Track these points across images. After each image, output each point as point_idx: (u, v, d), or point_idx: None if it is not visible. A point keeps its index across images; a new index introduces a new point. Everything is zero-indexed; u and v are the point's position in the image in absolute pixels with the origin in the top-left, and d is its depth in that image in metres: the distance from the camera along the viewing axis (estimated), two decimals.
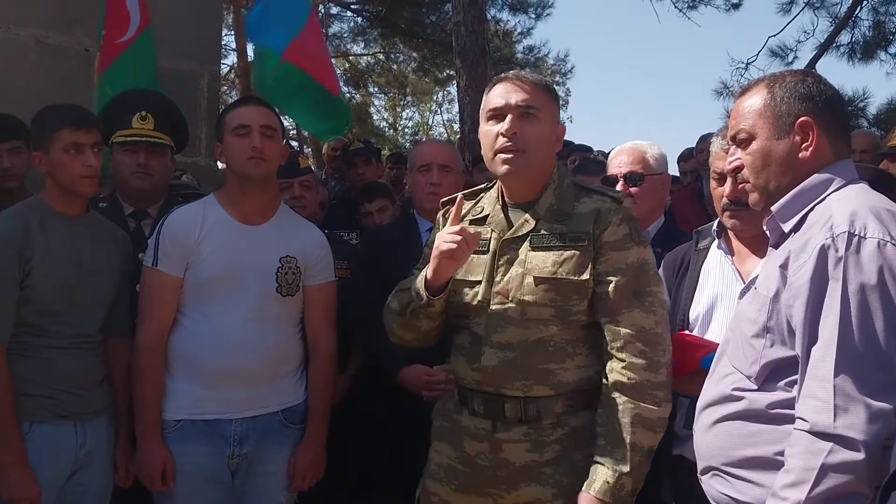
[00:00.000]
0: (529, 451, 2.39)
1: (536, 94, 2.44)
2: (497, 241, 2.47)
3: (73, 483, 2.83)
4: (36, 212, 2.82)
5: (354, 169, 6.03)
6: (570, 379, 2.39)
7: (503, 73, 2.53)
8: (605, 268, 2.37)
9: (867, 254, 1.78)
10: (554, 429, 2.39)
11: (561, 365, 2.38)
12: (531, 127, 2.41)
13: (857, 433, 1.70)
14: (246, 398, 2.89)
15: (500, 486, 2.43)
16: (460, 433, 2.50)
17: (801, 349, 1.84)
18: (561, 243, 2.40)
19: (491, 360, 2.40)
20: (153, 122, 3.31)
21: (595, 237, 2.39)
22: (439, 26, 14.90)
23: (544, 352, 2.38)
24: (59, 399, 2.78)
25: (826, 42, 10.61)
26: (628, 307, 2.34)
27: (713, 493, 2.07)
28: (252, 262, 2.91)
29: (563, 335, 2.39)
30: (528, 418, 2.39)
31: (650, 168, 3.28)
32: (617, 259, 2.37)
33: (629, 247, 2.39)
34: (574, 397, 2.40)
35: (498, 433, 2.42)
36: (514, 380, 2.38)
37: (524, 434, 2.39)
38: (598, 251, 2.38)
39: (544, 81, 2.52)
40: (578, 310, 2.38)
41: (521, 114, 2.40)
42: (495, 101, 2.45)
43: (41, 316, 2.76)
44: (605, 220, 2.40)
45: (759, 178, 2.06)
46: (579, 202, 2.46)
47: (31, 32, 4.24)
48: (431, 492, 2.57)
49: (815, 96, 2.01)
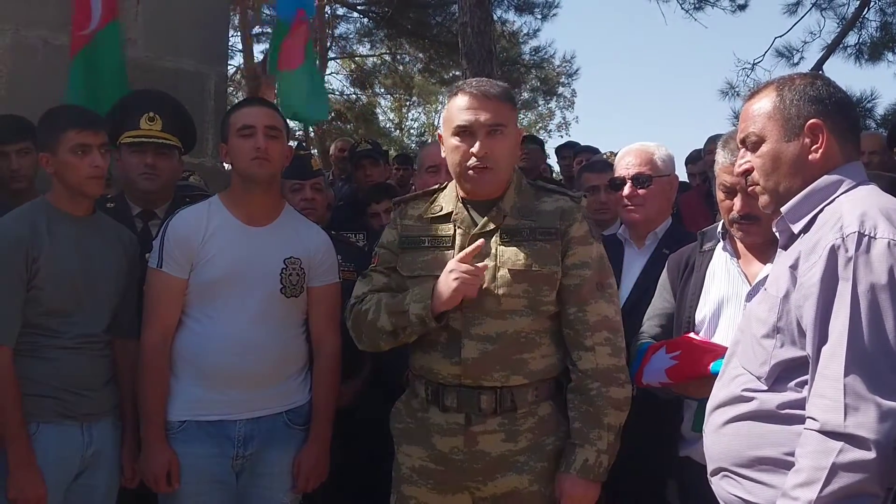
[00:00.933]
0: (504, 440, 2.51)
1: (501, 109, 2.54)
2: (464, 237, 2.58)
3: (79, 484, 2.83)
4: (43, 212, 2.83)
5: (362, 170, 6.03)
6: (538, 367, 2.53)
7: (465, 83, 2.61)
8: (573, 261, 2.54)
9: (877, 254, 1.79)
10: (526, 418, 2.52)
11: (531, 354, 2.52)
12: (499, 144, 2.52)
13: (868, 432, 1.69)
14: (250, 399, 2.89)
15: (476, 478, 2.52)
16: (429, 431, 2.57)
17: (811, 349, 1.84)
18: (531, 238, 2.54)
19: (471, 352, 2.49)
20: (161, 123, 3.31)
21: (562, 232, 2.54)
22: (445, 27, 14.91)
23: (517, 343, 2.51)
24: (66, 399, 2.78)
25: (833, 43, 10.56)
26: (595, 298, 2.53)
27: (723, 494, 2.06)
28: (256, 263, 2.91)
29: (533, 325, 2.52)
30: (503, 409, 2.50)
31: (658, 169, 3.27)
32: (583, 253, 2.55)
33: (591, 242, 2.57)
34: (540, 386, 2.54)
35: (473, 426, 2.51)
36: (493, 371, 2.49)
37: (499, 424, 2.51)
38: (567, 245, 2.54)
39: (505, 91, 2.60)
40: (548, 301, 2.53)
41: (488, 132, 2.51)
42: (461, 117, 2.53)
43: (48, 316, 2.77)
44: (571, 217, 2.56)
45: (769, 181, 2.06)
46: (541, 201, 2.61)
47: (39, 34, 4.24)
48: (408, 496, 2.62)
49: (825, 99, 2.02)
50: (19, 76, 4.18)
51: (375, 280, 2.72)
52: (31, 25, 4.23)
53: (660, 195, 3.27)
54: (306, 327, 3.06)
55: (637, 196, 3.23)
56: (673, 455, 2.73)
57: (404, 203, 2.79)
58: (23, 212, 2.84)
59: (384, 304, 2.60)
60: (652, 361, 2.62)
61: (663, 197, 3.30)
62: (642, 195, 3.22)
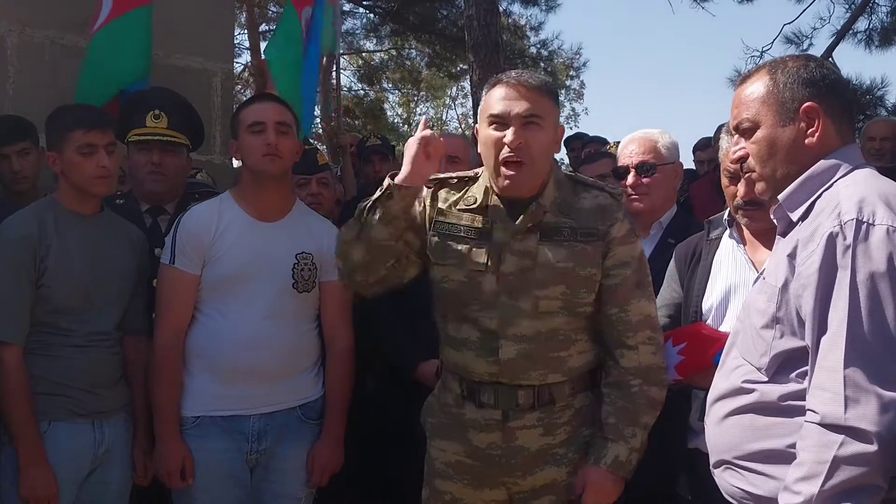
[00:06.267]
0: (543, 434, 2.48)
1: (539, 100, 2.41)
2: (501, 233, 2.46)
3: (91, 481, 2.85)
4: (50, 211, 2.84)
5: (371, 165, 6.02)
6: (576, 364, 2.49)
7: (504, 74, 2.48)
8: (614, 262, 2.46)
9: (876, 241, 1.75)
10: (563, 411, 2.49)
11: (568, 352, 2.48)
12: (535, 136, 2.40)
13: (869, 424, 1.67)
14: (263, 394, 2.90)
15: (515, 473, 2.49)
16: (465, 427, 2.53)
17: (810, 339, 1.82)
18: (572, 238, 2.45)
19: (509, 353, 2.43)
20: (167, 121, 3.31)
21: (604, 233, 2.46)
22: (451, 21, 14.89)
23: (556, 341, 2.46)
24: (77, 397, 2.79)
25: (843, 29, 10.40)
26: (636, 297, 2.48)
27: (726, 486, 2.05)
28: (268, 258, 2.92)
29: (569, 325, 2.47)
30: (541, 404, 2.47)
31: (662, 157, 3.24)
32: (624, 253, 2.47)
33: (633, 241, 2.50)
34: (578, 380, 2.52)
35: (511, 422, 2.47)
36: (531, 370, 2.44)
37: (537, 419, 2.47)
38: (608, 247, 2.46)
39: (546, 84, 2.49)
40: (586, 302, 2.47)
41: (524, 123, 2.38)
42: (498, 107, 2.41)
43: (57, 315, 2.78)
44: (612, 216, 2.47)
45: (766, 168, 2.02)
46: (579, 196, 2.51)
47: (46, 34, 4.25)
48: (441, 490, 2.58)
49: (819, 81, 1.97)
50: (26, 76, 4.20)
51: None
52: (38, 25, 4.25)
53: (664, 183, 3.25)
54: (319, 322, 3.07)
55: (641, 185, 3.21)
56: (682, 447, 2.72)
57: (440, 186, 2.59)
58: (30, 211, 2.86)
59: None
60: None
61: (668, 185, 3.28)
62: (646, 184, 3.21)
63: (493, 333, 2.44)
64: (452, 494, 2.56)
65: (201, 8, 4.77)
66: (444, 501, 2.58)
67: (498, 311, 2.43)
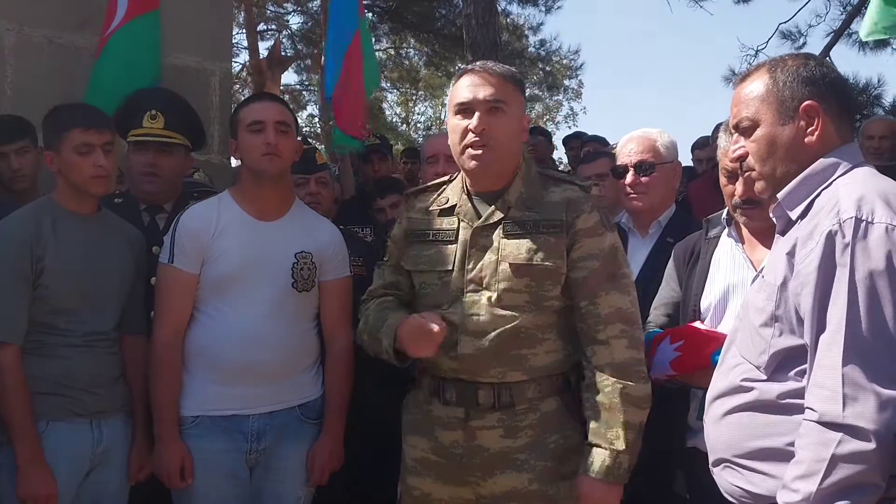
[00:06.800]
0: (503, 436, 2.45)
1: (503, 86, 2.46)
2: (467, 230, 2.52)
3: (90, 481, 2.84)
4: (48, 211, 2.83)
5: (370, 164, 6.02)
6: (540, 363, 2.46)
7: (470, 65, 2.55)
8: (580, 254, 2.45)
9: (875, 239, 1.75)
10: (526, 414, 2.46)
11: (531, 350, 2.45)
12: (499, 121, 2.44)
13: (867, 422, 1.68)
14: (263, 394, 2.90)
15: (475, 473, 2.49)
16: (432, 423, 2.55)
17: (809, 338, 1.82)
18: (535, 231, 2.46)
19: (467, 348, 2.44)
20: (163, 121, 3.29)
21: (568, 225, 2.45)
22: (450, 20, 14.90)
23: (517, 338, 2.44)
24: (75, 397, 2.79)
25: (840, 28, 10.42)
26: (605, 290, 2.43)
27: (725, 485, 2.05)
28: (267, 257, 2.91)
29: (535, 321, 2.44)
30: (501, 404, 2.45)
31: (661, 156, 3.24)
32: (591, 245, 2.45)
33: (601, 233, 2.47)
34: (544, 382, 2.47)
35: (471, 420, 2.47)
36: (489, 367, 2.44)
37: (497, 420, 2.46)
38: (573, 238, 2.45)
39: (511, 72, 2.54)
40: (551, 295, 2.45)
41: (488, 108, 2.44)
42: (462, 94, 2.47)
43: (55, 315, 2.78)
44: (577, 208, 2.47)
45: (766, 166, 2.02)
46: (548, 191, 2.53)
47: (44, 33, 4.24)
48: (412, 486, 2.61)
49: (819, 79, 1.97)
50: (24, 75, 4.19)
51: (385, 275, 2.72)
52: (36, 24, 4.24)
53: (663, 182, 3.25)
54: (318, 321, 3.07)
55: (640, 184, 3.21)
56: (680, 446, 2.72)
57: (413, 195, 2.74)
58: (28, 211, 2.85)
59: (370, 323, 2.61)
60: (657, 354, 2.60)
61: (666, 184, 3.28)
62: (645, 183, 3.21)
63: (456, 328, 2.45)
64: (422, 490, 2.59)
65: (200, 7, 4.76)
66: (414, 497, 2.61)
67: (461, 306, 2.47)
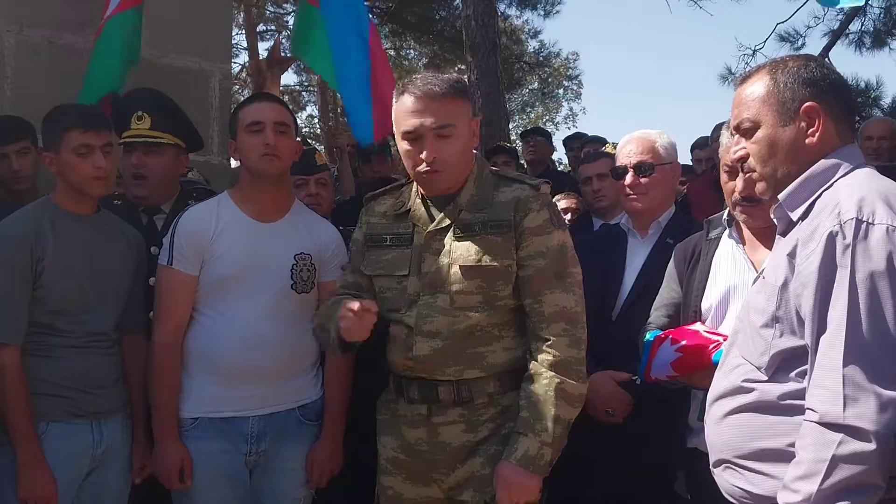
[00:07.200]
0: (465, 431, 2.51)
1: (446, 106, 2.47)
2: (420, 235, 2.57)
3: (90, 482, 2.84)
4: (47, 212, 2.83)
5: (369, 165, 6.02)
6: (498, 361, 2.51)
7: (410, 82, 2.53)
8: (527, 252, 2.48)
9: (875, 240, 1.75)
10: (486, 408, 2.51)
11: (489, 348, 2.50)
12: (448, 146, 2.47)
13: (868, 423, 1.68)
14: (262, 395, 2.90)
15: (440, 469, 2.55)
16: (399, 422, 2.62)
17: (810, 338, 1.82)
18: (483, 231, 2.50)
19: (422, 349, 2.50)
20: (149, 121, 3.26)
21: (516, 223, 2.48)
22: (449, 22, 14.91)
23: (472, 337, 2.49)
24: (75, 398, 2.79)
25: (839, 30, 10.44)
26: (550, 289, 2.46)
27: (726, 486, 2.05)
28: (267, 259, 2.91)
29: (490, 320, 2.50)
30: (461, 400, 2.51)
31: (660, 157, 3.24)
32: (538, 243, 2.48)
33: (550, 231, 2.50)
34: (504, 378, 2.52)
35: (434, 417, 2.54)
36: (445, 366, 2.49)
37: (459, 415, 2.52)
38: (520, 237, 2.48)
39: (452, 86, 2.51)
40: (504, 294, 2.49)
41: (436, 136, 2.46)
42: (407, 122, 2.48)
43: (54, 315, 2.78)
44: (525, 207, 2.49)
45: (766, 167, 2.02)
46: (499, 191, 2.55)
47: (44, 34, 4.25)
48: (385, 486, 2.67)
49: (819, 81, 1.97)
50: (24, 76, 4.19)
51: (347, 278, 2.78)
52: (36, 25, 4.24)
53: (662, 183, 3.24)
54: None
55: (639, 185, 3.20)
56: (681, 446, 2.72)
57: (373, 199, 2.78)
58: (27, 212, 2.85)
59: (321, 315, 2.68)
60: (658, 355, 2.59)
61: (666, 185, 3.27)
62: (645, 184, 3.20)
63: (411, 330, 2.52)
64: (394, 489, 2.65)
65: (199, 8, 4.76)
66: (388, 497, 2.67)
67: (416, 309, 2.52)
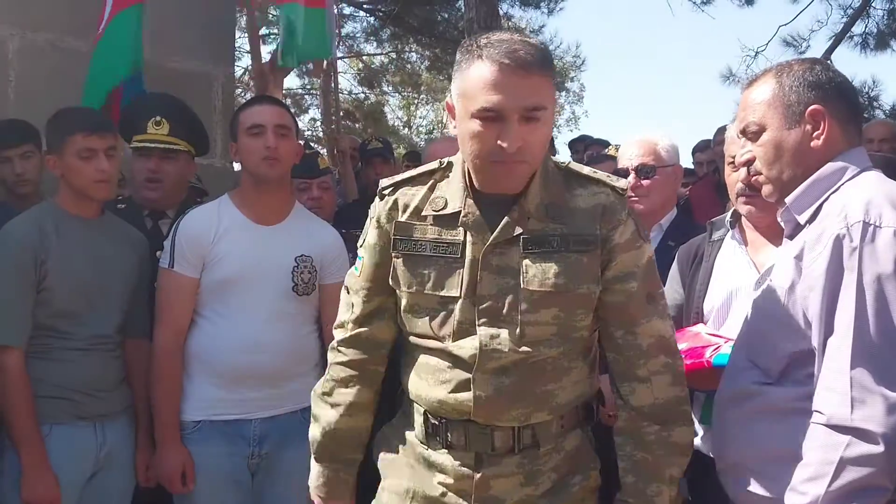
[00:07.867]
0: (523, 484, 2.00)
1: (541, 85, 1.86)
2: (477, 247, 1.96)
3: (93, 484, 2.85)
4: (50, 215, 2.84)
5: (372, 168, 6.02)
6: (568, 398, 2.02)
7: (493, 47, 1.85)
8: (615, 273, 1.97)
9: (883, 243, 1.75)
10: (549, 455, 2.01)
11: (559, 384, 1.99)
12: (536, 132, 1.87)
13: (876, 425, 1.68)
14: (265, 398, 2.90)
15: None
16: (430, 470, 2.05)
17: (817, 341, 1.82)
18: (562, 248, 1.95)
19: (484, 388, 1.94)
20: (168, 127, 3.30)
21: (605, 239, 1.96)
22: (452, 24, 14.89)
23: (544, 374, 1.98)
24: (78, 401, 2.79)
25: (842, 32, 10.44)
26: (646, 315, 1.99)
27: (731, 488, 2.04)
28: (268, 261, 2.92)
29: (562, 352, 1.99)
30: (522, 447, 1.99)
31: (662, 160, 3.25)
32: (629, 262, 1.98)
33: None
34: (568, 417, 2.04)
35: (485, 468, 1.99)
36: (511, 409, 1.96)
37: (517, 465, 1.99)
38: (609, 255, 1.97)
39: (546, 58, 1.90)
40: (583, 325, 1.99)
41: (522, 118, 1.84)
42: (489, 98, 1.82)
43: (58, 318, 2.78)
44: (614, 218, 1.97)
45: (772, 170, 2.02)
46: (573, 193, 2.00)
47: (47, 37, 4.27)
48: None
49: (825, 84, 1.97)
50: (27, 80, 4.21)
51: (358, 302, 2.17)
52: (40, 29, 4.26)
53: (664, 186, 3.25)
54: (319, 325, 3.06)
55: (641, 187, 3.21)
56: None
57: (392, 190, 2.12)
58: (30, 215, 2.86)
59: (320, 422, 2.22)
60: None
61: (668, 187, 3.28)
62: (646, 186, 3.21)
63: (467, 365, 1.96)
64: None
65: (202, 11, 4.78)
66: None
67: (474, 341, 1.95)
